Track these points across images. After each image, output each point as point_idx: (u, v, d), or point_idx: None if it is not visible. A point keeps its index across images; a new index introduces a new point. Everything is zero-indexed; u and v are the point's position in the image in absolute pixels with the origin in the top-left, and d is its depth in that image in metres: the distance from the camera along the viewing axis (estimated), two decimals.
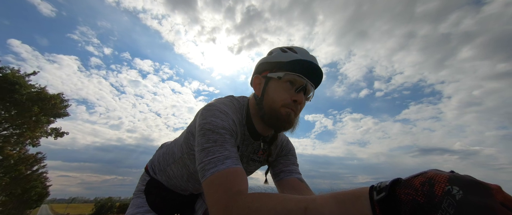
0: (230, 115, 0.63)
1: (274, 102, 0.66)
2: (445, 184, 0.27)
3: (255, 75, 0.74)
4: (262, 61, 0.73)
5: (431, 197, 0.27)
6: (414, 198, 0.28)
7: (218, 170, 0.50)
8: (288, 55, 0.67)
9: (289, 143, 0.87)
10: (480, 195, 0.25)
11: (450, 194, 0.26)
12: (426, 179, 0.29)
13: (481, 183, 0.27)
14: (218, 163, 0.51)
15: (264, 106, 0.68)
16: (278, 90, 0.66)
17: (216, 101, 0.68)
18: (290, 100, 0.65)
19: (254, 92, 0.73)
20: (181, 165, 0.80)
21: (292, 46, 0.71)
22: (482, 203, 0.25)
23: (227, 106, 0.66)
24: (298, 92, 0.66)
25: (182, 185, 0.87)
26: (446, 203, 0.26)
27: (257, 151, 0.78)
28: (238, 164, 0.53)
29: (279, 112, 0.65)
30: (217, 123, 0.58)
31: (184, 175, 0.82)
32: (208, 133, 0.56)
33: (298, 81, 0.66)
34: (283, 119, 0.65)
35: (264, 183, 0.79)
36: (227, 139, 0.57)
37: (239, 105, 0.71)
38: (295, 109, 0.67)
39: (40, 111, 9.81)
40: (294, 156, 0.85)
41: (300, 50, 0.69)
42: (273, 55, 0.70)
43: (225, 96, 0.74)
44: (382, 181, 0.32)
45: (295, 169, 0.80)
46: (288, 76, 0.65)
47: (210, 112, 0.61)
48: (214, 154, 0.53)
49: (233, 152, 0.55)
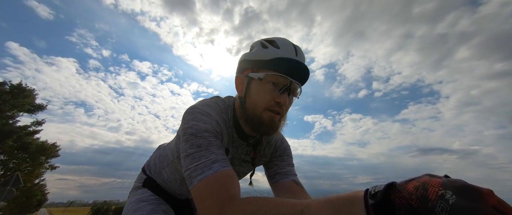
0: (213, 116, 0.60)
1: (256, 106, 0.62)
2: (439, 189, 0.27)
3: (237, 74, 0.69)
4: (243, 59, 0.67)
5: (425, 201, 0.27)
6: (408, 202, 0.28)
7: (206, 176, 0.48)
8: (269, 52, 0.61)
9: (284, 142, 0.82)
10: (473, 199, 0.26)
11: (443, 198, 0.26)
12: (420, 183, 0.29)
13: (473, 187, 0.27)
14: (205, 169, 0.49)
15: (247, 109, 0.64)
16: (259, 93, 0.61)
17: (199, 103, 0.65)
18: (273, 103, 0.61)
19: (238, 93, 0.68)
20: (173, 169, 0.78)
21: (274, 39, 0.64)
22: (474, 207, 0.26)
23: (211, 108, 0.62)
24: (282, 93, 0.61)
25: (177, 189, 0.84)
26: (440, 207, 0.26)
27: (249, 152, 0.75)
28: (226, 166, 0.50)
29: (261, 117, 0.62)
30: (199, 126, 0.55)
31: (177, 179, 0.79)
32: (191, 138, 0.54)
33: (281, 82, 0.61)
34: (266, 124, 0.62)
35: (249, 185, 0.76)
36: (212, 142, 0.54)
37: (224, 105, 0.68)
38: (280, 110, 0.62)
39: (44, 156, 15.38)
40: (290, 155, 0.81)
41: (283, 43, 0.62)
42: (254, 51, 0.65)
43: (210, 97, 0.71)
44: (377, 185, 0.33)
45: (291, 171, 0.77)
46: (270, 77, 0.60)
47: (191, 115, 0.58)
48: (200, 159, 0.50)
49: (220, 154, 0.52)
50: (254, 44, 0.67)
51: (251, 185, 0.75)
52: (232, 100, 0.71)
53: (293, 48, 0.62)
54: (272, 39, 0.64)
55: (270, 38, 0.65)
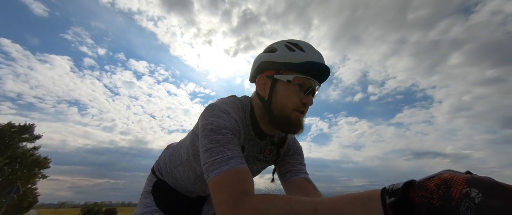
0: (232, 114, 0.62)
1: (285, 107, 0.63)
2: (463, 186, 0.26)
3: (259, 75, 0.69)
4: (265, 59, 0.67)
5: (448, 200, 0.26)
6: (429, 201, 0.27)
7: (223, 171, 0.49)
8: (296, 55, 0.62)
9: (296, 142, 0.84)
10: (502, 199, 0.24)
11: (468, 197, 0.25)
12: (442, 181, 0.27)
13: (502, 185, 0.25)
14: (222, 164, 0.50)
15: (273, 110, 0.65)
16: (288, 94, 0.63)
17: (218, 101, 0.66)
18: (300, 104, 0.63)
19: (259, 93, 0.69)
20: (187, 167, 0.79)
21: (297, 41, 0.66)
22: (504, 206, 0.23)
23: (229, 106, 0.64)
24: (307, 95, 0.64)
25: (189, 187, 0.85)
26: (464, 206, 0.25)
27: (263, 151, 0.76)
28: (242, 164, 0.52)
29: (290, 117, 0.63)
30: (219, 123, 0.57)
31: (191, 177, 0.80)
32: (211, 133, 0.55)
33: (307, 84, 0.64)
34: (294, 124, 0.64)
35: (271, 182, 0.78)
36: (230, 139, 0.55)
37: (241, 105, 0.69)
38: (304, 110, 0.66)
39: (37, 168, 19.60)
40: (301, 155, 0.82)
41: (308, 48, 0.64)
42: (278, 53, 0.65)
43: (227, 96, 0.72)
44: (395, 183, 0.31)
45: (302, 169, 0.77)
46: (298, 80, 0.63)
47: (211, 112, 0.60)
48: (218, 155, 0.52)
49: (237, 151, 0.54)
50: (276, 46, 0.67)
51: (273, 182, 0.78)
52: (249, 100, 0.72)
53: (317, 52, 0.65)
54: (295, 42, 0.66)
55: (293, 41, 0.67)
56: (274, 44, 0.69)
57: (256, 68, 0.70)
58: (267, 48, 0.70)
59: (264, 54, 0.69)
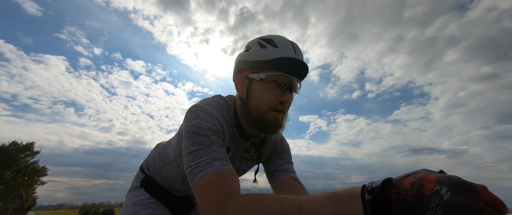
0: (215, 115, 0.61)
1: (260, 106, 0.62)
2: (434, 185, 0.28)
3: (236, 75, 0.69)
4: (240, 59, 0.67)
5: (420, 197, 0.28)
6: (404, 198, 0.29)
7: (207, 173, 0.49)
8: (268, 52, 0.61)
9: (283, 140, 0.83)
10: (467, 195, 0.26)
11: (438, 194, 0.27)
12: (416, 179, 0.30)
13: (468, 183, 0.28)
14: (207, 166, 0.50)
15: (250, 111, 0.64)
16: (262, 93, 0.62)
17: (201, 102, 0.66)
18: (276, 102, 0.62)
19: (238, 94, 0.69)
20: (174, 166, 0.79)
21: (270, 37, 0.64)
22: (468, 203, 0.26)
23: (213, 107, 0.63)
24: (284, 92, 0.62)
25: (177, 186, 0.85)
26: (435, 203, 0.27)
27: (249, 150, 0.76)
28: (227, 165, 0.52)
29: (266, 117, 0.62)
30: (202, 124, 0.56)
31: (178, 176, 0.80)
32: (194, 136, 0.55)
33: (282, 80, 0.61)
34: (270, 123, 0.63)
35: (253, 182, 0.78)
36: (214, 141, 0.55)
37: (226, 104, 0.68)
38: (283, 108, 0.63)
39: (37, 176, 22.99)
40: (289, 154, 0.82)
41: (281, 42, 0.62)
42: (252, 51, 0.64)
43: (212, 96, 0.71)
44: (374, 181, 0.33)
45: (290, 168, 0.78)
46: (272, 77, 0.61)
47: (194, 114, 0.59)
48: (202, 157, 0.51)
49: (222, 153, 0.54)
50: (250, 44, 0.66)
51: (255, 182, 0.77)
52: (233, 100, 0.72)
53: (291, 46, 0.62)
54: (269, 38, 0.64)
55: (267, 37, 0.65)
56: (250, 42, 0.68)
57: (234, 68, 0.70)
58: (245, 47, 0.70)
59: (241, 53, 0.69)
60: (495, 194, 0.27)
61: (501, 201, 0.27)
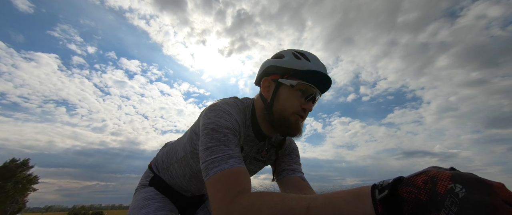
0: (233, 115, 0.64)
1: (285, 109, 0.67)
2: (448, 182, 0.27)
3: (264, 77, 0.73)
4: (272, 64, 0.71)
5: (434, 195, 0.27)
6: (416, 196, 0.28)
7: (222, 169, 0.51)
8: (302, 63, 0.67)
9: (292, 142, 0.87)
10: (483, 193, 0.25)
11: (453, 192, 0.26)
12: (429, 177, 0.29)
13: (484, 180, 0.27)
14: (222, 162, 0.52)
15: (274, 112, 0.68)
16: (289, 98, 0.67)
17: (220, 101, 0.69)
18: (300, 109, 0.67)
19: (262, 95, 0.72)
20: (184, 164, 0.81)
21: (304, 52, 0.71)
22: (484, 201, 0.25)
23: (231, 107, 0.67)
24: (308, 101, 0.68)
25: (184, 185, 0.87)
26: (449, 201, 0.26)
27: (260, 151, 0.79)
28: (241, 164, 0.54)
29: (289, 120, 0.67)
30: (220, 122, 0.59)
31: (187, 174, 0.82)
32: (212, 132, 0.57)
33: (309, 90, 0.67)
34: (292, 126, 0.67)
35: (272, 181, 0.81)
36: (230, 139, 0.57)
37: (242, 106, 0.72)
38: (304, 115, 0.69)
39: (29, 184, 27.80)
40: (297, 155, 0.86)
41: (313, 59, 0.69)
42: (285, 59, 0.69)
43: (229, 97, 0.75)
44: (384, 180, 0.32)
45: (298, 168, 0.80)
46: (301, 85, 0.66)
47: (214, 112, 0.62)
48: (218, 153, 0.54)
49: (237, 151, 0.56)
50: (283, 53, 0.72)
51: (274, 181, 0.82)
52: (251, 102, 0.76)
53: (322, 64, 0.70)
54: (302, 52, 0.71)
55: (300, 51, 0.71)
56: (282, 52, 0.73)
57: (262, 71, 0.75)
58: (275, 55, 0.75)
59: (272, 59, 0.74)
60: None
61: None
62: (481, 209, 0.24)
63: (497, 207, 0.24)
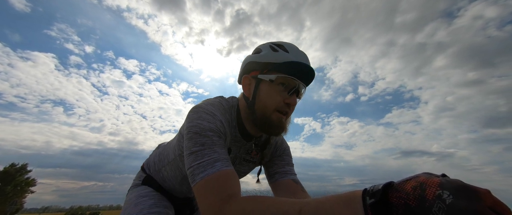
0: (217, 116, 0.62)
1: (266, 107, 0.65)
2: (436, 189, 0.28)
3: (244, 75, 0.71)
4: (250, 60, 0.69)
5: (422, 201, 0.28)
6: (406, 202, 0.29)
7: (208, 174, 0.50)
8: (279, 55, 0.64)
9: (283, 142, 0.85)
10: (470, 199, 0.26)
11: (440, 199, 0.27)
12: (418, 183, 0.29)
13: (470, 187, 0.27)
14: (208, 167, 0.51)
15: (256, 111, 0.66)
16: (270, 94, 0.64)
17: (203, 102, 0.67)
18: (282, 103, 0.64)
19: (244, 94, 0.70)
20: (174, 167, 0.79)
21: (281, 43, 0.68)
22: (471, 207, 0.25)
23: (215, 107, 0.64)
24: (291, 94, 0.65)
25: (177, 187, 0.85)
26: (437, 207, 0.27)
27: (250, 151, 0.77)
28: (228, 166, 0.52)
29: (270, 118, 0.65)
30: (204, 125, 0.57)
31: (178, 177, 0.80)
32: (195, 136, 0.55)
33: (291, 83, 0.65)
34: (274, 125, 0.65)
35: (256, 183, 0.79)
36: (215, 141, 0.56)
37: (228, 105, 0.70)
38: (288, 111, 0.66)
39: (27, 186, 30.31)
40: (289, 155, 0.84)
41: (291, 48, 0.66)
42: (263, 54, 0.67)
43: (214, 97, 0.73)
44: (375, 185, 0.33)
45: (290, 170, 0.79)
46: (281, 79, 0.64)
47: (196, 114, 0.60)
48: (203, 158, 0.52)
49: (223, 154, 0.55)
50: (261, 47, 0.69)
51: (258, 183, 0.79)
52: (236, 101, 0.73)
53: (301, 53, 0.66)
54: (280, 43, 0.67)
55: (278, 42, 0.68)
56: (260, 46, 0.71)
57: (242, 69, 0.73)
58: (254, 50, 0.73)
59: (251, 55, 0.71)
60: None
61: (505, 206, 0.26)
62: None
63: (483, 213, 0.25)
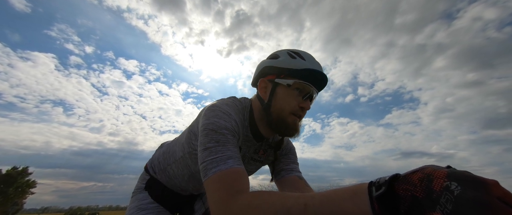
0: (232, 115, 0.64)
1: (283, 110, 0.68)
2: (444, 180, 0.28)
3: (261, 78, 0.74)
4: (268, 64, 0.72)
5: (430, 192, 0.28)
6: (412, 193, 0.29)
7: (220, 169, 0.51)
8: (297, 63, 0.68)
9: (289, 142, 0.88)
10: (478, 191, 0.26)
11: (448, 190, 0.27)
12: (425, 174, 0.29)
13: (479, 178, 0.27)
14: (220, 163, 0.52)
15: (272, 113, 0.69)
16: (286, 98, 0.68)
17: (219, 102, 0.69)
18: (298, 108, 0.68)
19: (259, 96, 0.73)
20: (182, 164, 0.80)
21: (298, 51, 0.71)
22: (479, 198, 0.25)
23: (230, 107, 0.67)
24: (305, 99, 0.69)
25: (183, 185, 0.87)
26: (445, 198, 0.26)
27: (258, 151, 0.79)
28: (240, 165, 0.54)
29: (286, 120, 0.68)
30: (220, 123, 0.60)
31: (185, 175, 0.82)
32: (211, 133, 0.58)
33: (306, 89, 0.68)
34: (290, 127, 0.68)
35: (270, 182, 0.82)
36: (229, 139, 0.58)
37: (241, 106, 0.72)
38: (302, 114, 0.70)
39: (28, 187, 32.43)
40: (294, 154, 0.87)
41: (308, 57, 0.70)
42: (281, 59, 0.70)
43: (227, 97, 0.75)
44: (381, 177, 0.33)
45: (295, 167, 0.82)
46: (297, 84, 0.67)
47: (213, 113, 0.62)
48: (217, 154, 0.54)
49: (235, 152, 0.56)
50: (279, 53, 0.73)
51: (272, 181, 0.83)
52: (249, 102, 0.76)
53: (317, 62, 0.71)
54: (297, 51, 0.71)
55: (295, 50, 0.72)
56: (277, 52, 0.74)
57: (258, 72, 0.75)
58: (270, 55, 0.76)
59: (267, 60, 0.75)
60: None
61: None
62: (476, 206, 0.25)
63: (491, 204, 0.25)
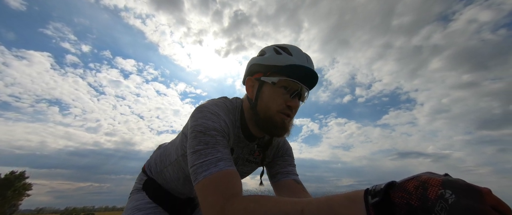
0: (221, 116, 0.63)
1: (269, 108, 0.65)
2: (439, 188, 0.28)
3: (248, 77, 0.72)
4: (254, 62, 0.70)
5: (425, 200, 0.28)
6: (408, 201, 0.29)
7: (211, 173, 0.50)
8: (283, 58, 0.65)
9: (286, 143, 0.85)
10: (472, 199, 0.26)
11: (443, 198, 0.27)
12: (420, 182, 0.29)
13: (473, 186, 0.27)
14: (211, 166, 0.51)
15: (258, 112, 0.67)
16: (272, 96, 0.65)
17: (208, 102, 0.67)
18: (284, 106, 0.65)
19: (247, 95, 0.71)
20: (177, 167, 0.79)
21: (285, 45, 0.68)
22: (473, 207, 0.26)
23: (219, 107, 0.65)
24: (293, 98, 0.66)
25: (179, 188, 0.85)
26: (439, 206, 0.27)
27: (253, 152, 0.77)
28: (231, 166, 0.53)
29: (274, 119, 0.65)
30: (208, 124, 0.58)
31: (181, 178, 0.80)
32: (199, 135, 0.56)
33: (293, 86, 0.65)
34: (278, 126, 0.65)
35: (260, 185, 0.78)
36: (219, 141, 0.56)
37: (232, 106, 0.70)
38: (290, 113, 0.66)
39: (24, 190, 34.90)
40: (291, 156, 0.84)
41: (295, 51, 0.66)
42: (267, 56, 0.68)
43: (218, 97, 0.73)
44: (377, 184, 0.33)
45: (292, 170, 0.79)
46: (283, 82, 0.64)
47: (201, 114, 0.61)
48: (206, 157, 0.52)
49: (226, 153, 0.55)
50: (265, 49, 0.70)
51: (261, 185, 0.78)
52: (240, 102, 0.74)
53: (305, 56, 0.67)
54: (284, 46, 0.68)
55: (282, 45, 0.69)
56: (265, 48, 0.72)
57: (247, 70, 0.73)
58: (259, 52, 0.74)
59: (255, 57, 0.72)
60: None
61: (507, 205, 0.26)
62: (470, 214, 0.25)
63: (485, 212, 0.25)
